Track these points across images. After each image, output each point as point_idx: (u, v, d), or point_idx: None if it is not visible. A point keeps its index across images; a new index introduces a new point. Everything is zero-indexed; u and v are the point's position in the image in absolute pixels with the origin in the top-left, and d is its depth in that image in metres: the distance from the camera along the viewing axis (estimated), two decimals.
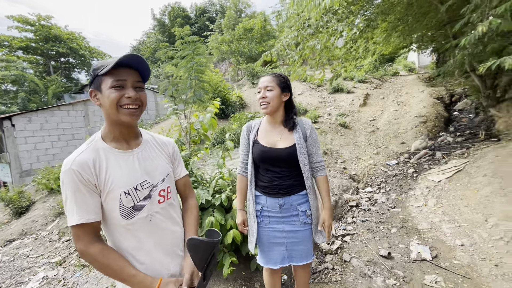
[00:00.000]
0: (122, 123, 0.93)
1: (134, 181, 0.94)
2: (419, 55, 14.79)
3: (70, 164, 0.86)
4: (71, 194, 0.85)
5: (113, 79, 0.88)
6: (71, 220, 0.86)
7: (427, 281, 2.02)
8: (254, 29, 14.27)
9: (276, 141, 1.48)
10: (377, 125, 6.67)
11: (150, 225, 0.98)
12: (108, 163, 0.92)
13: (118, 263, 0.87)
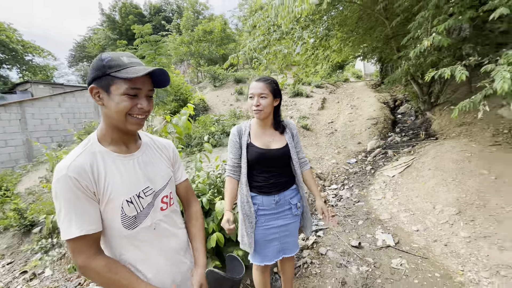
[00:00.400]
0: (128, 131, 0.87)
1: (136, 188, 0.87)
2: (365, 64, 16.43)
3: (65, 170, 0.76)
4: (68, 203, 0.76)
5: (128, 85, 0.80)
6: (69, 232, 0.75)
7: (394, 264, 2.27)
8: (214, 31, 14.17)
9: (269, 142, 1.54)
10: (335, 127, 7.19)
11: (154, 234, 0.92)
12: (107, 168, 0.83)
13: (126, 277, 0.80)
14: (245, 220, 1.55)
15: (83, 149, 0.83)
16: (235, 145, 1.55)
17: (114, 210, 0.83)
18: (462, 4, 3.11)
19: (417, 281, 2.06)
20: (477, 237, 2.36)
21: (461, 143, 3.83)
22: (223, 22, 15.11)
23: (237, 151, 1.56)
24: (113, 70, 0.79)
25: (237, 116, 8.70)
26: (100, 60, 0.80)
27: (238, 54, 5.00)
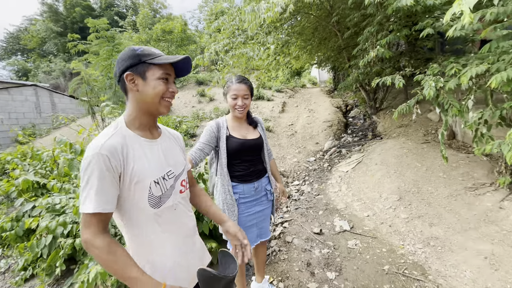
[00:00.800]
0: (159, 113, 0.95)
1: (161, 170, 0.94)
2: (320, 71, 17.66)
3: (99, 148, 0.81)
4: (94, 180, 0.80)
5: (162, 71, 0.89)
6: (87, 207, 0.79)
7: (350, 245, 2.59)
8: (174, 32, 13.81)
9: (246, 134, 1.70)
10: (295, 129, 7.65)
11: (174, 214, 0.98)
12: (135, 152, 0.89)
13: (122, 260, 0.80)
14: (227, 210, 1.65)
15: (114, 131, 0.88)
16: (210, 134, 1.62)
17: (143, 190, 0.88)
18: (399, 23, 3.69)
19: (368, 257, 2.40)
20: (413, 218, 2.83)
21: (400, 142, 4.48)
22: (183, 22, 14.80)
23: (210, 139, 1.62)
24: (148, 58, 0.88)
25: (200, 118, 8.64)
26: (133, 50, 0.89)
27: (204, 56, 5.05)
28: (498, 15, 2.25)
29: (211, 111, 9.33)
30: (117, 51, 5.84)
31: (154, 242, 0.93)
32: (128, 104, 0.93)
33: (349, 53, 5.95)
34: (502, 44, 2.39)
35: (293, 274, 2.27)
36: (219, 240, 2.56)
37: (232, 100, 1.61)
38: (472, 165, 3.33)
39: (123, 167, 0.85)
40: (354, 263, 2.34)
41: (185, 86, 12.25)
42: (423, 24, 3.18)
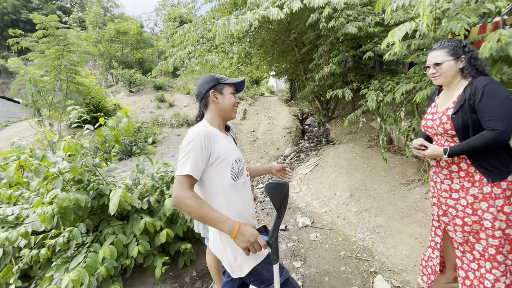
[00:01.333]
0: (230, 118, 1.35)
1: (238, 154, 1.29)
2: (277, 81, 18.59)
3: (199, 131, 1.14)
4: (192, 151, 1.10)
5: (232, 89, 1.31)
6: (183, 170, 1.08)
7: (311, 238, 2.92)
8: (129, 33, 13.17)
9: None
10: (257, 136, 7.99)
11: (244, 189, 1.27)
12: (219, 140, 1.21)
13: (207, 206, 1.07)
14: None
15: (204, 125, 1.22)
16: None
17: (227, 166, 1.19)
18: (347, 44, 4.30)
19: (327, 246, 2.75)
20: (362, 210, 3.31)
21: (350, 146, 5.11)
22: (139, 24, 14.22)
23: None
24: (223, 80, 1.29)
25: (160, 124, 8.41)
26: (212, 76, 1.31)
27: (169, 62, 5.05)
28: (419, 45, 2.86)
29: (171, 117, 9.14)
30: (69, 51, 5.45)
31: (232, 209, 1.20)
32: (209, 113, 1.30)
33: (305, 67, 6.54)
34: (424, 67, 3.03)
35: None
36: (192, 242, 2.65)
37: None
38: (405, 165, 4.01)
39: (212, 148, 1.16)
40: (316, 252, 2.66)
41: (141, 91, 11.73)
42: (365, 48, 3.79)
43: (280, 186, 1.05)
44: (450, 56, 1.44)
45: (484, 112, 1.32)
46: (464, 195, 1.47)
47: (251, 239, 1.06)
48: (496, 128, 1.28)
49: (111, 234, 2.17)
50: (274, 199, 1.07)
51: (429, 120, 1.62)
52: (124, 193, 1.99)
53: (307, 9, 3.71)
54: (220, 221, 1.06)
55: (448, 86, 1.54)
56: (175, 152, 7.03)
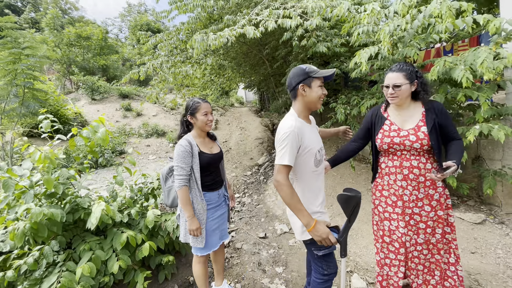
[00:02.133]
0: (316, 108, 1.48)
1: (320, 145, 1.50)
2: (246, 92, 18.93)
3: (292, 127, 1.34)
4: (289, 144, 1.31)
5: (320, 81, 1.41)
6: (283, 160, 1.31)
7: (291, 243, 3.05)
8: (92, 38, 12.49)
9: (211, 148, 1.94)
10: (230, 146, 8.04)
11: (322, 173, 1.55)
12: (305, 131, 1.41)
13: (297, 197, 1.31)
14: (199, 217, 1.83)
15: (295, 119, 1.41)
16: (188, 154, 1.79)
17: (311, 155, 1.42)
18: (317, 61, 4.66)
19: (306, 250, 2.89)
20: (335, 215, 3.54)
21: None
22: (104, 30, 13.58)
23: (189, 160, 1.80)
24: (313, 74, 1.39)
25: (127, 134, 8.01)
26: (303, 69, 1.41)
27: (141, 71, 4.94)
28: (381, 66, 3.25)
29: (139, 127, 8.76)
30: (27, 55, 5.05)
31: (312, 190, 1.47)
32: (297, 104, 1.46)
33: (277, 80, 6.85)
34: None
35: (247, 275, 2.53)
36: (172, 254, 2.59)
37: (204, 117, 1.84)
38: (370, 173, 4.39)
39: (302, 141, 1.38)
40: (296, 257, 2.78)
41: (105, 99, 11.08)
42: (333, 65, 4.16)
43: (351, 198, 1.23)
44: (406, 80, 1.57)
45: (449, 127, 1.59)
46: (428, 202, 1.64)
47: (323, 236, 1.28)
48: (459, 137, 1.62)
49: (88, 250, 2.05)
50: (346, 208, 1.26)
51: (395, 137, 1.64)
52: (107, 206, 1.92)
53: (280, 28, 3.98)
54: (301, 214, 1.29)
55: (400, 106, 1.66)
56: (146, 163, 6.75)
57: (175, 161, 1.82)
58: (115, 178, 2.48)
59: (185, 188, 1.79)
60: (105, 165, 5.64)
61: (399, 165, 1.66)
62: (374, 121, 1.78)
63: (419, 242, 1.70)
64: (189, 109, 1.89)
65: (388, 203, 1.75)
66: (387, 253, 1.80)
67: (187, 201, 1.79)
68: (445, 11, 2.30)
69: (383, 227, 1.80)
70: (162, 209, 3.02)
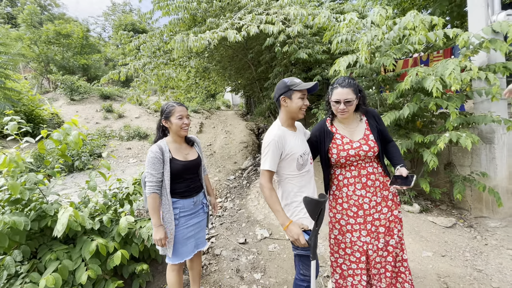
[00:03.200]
0: (298, 118, 1.58)
1: (302, 149, 1.57)
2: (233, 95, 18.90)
3: (274, 136, 1.49)
4: (270, 151, 1.47)
5: (301, 93, 1.51)
6: (265, 165, 1.48)
7: (270, 249, 3.04)
8: (73, 36, 12.06)
9: (187, 155, 1.90)
10: (214, 149, 7.97)
11: (308, 176, 1.62)
12: (288, 139, 1.53)
13: (275, 198, 1.46)
14: (167, 226, 1.77)
15: (278, 128, 1.54)
16: (158, 161, 1.74)
17: (293, 160, 1.53)
18: (299, 67, 4.73)
19: (285, 256, 2.89)
20: None
21: None
22: (85, 28, 13.15)
23: (159, 166, 1.76)
24: (293, 87, 1.50)
25: (107, 136, 7.75)
26: (284, 82, 1.53)
27: (121, 72, 4.81)
28: (359, 73, 3.35)
29: (120, 129, 8.51)
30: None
31: (294, 191, 1.56)
32: (281, 114, 1.60)
33: (261, 84, 6.89)
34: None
35: (225, 282, 2.49)
36: (147, 262, 2.51)
37: (179, 120, 1.80)
38: None
39: (283, 148, 1.50)
40: (275, 262, 2.77)
41: (85, 99, 10.69)
42: (315, 72, 4.24)
43: (316, 203, 1.25)
44: (354, 94, 1.56)
45: (385, 131, 1.76)
46: (385, 203, 1.68)
47: (294, 236, 1.39)
48: (392, 139, 1.81)
49: (54, 260, 1.95)
50: (311, 212, 1.28)
51: (350, 149, 1.63)
52: (75, 212, 1.83)
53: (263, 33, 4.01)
54: (277, 214, 1.44)
55: (347, 119, 1.67)
56: (126, 167, 6.54)
57: (146, 168, 1.79)
58: (88, 183, 2.38)
59: (154, 195, 1.75)
60: (82, 169, 5.40)
61: (357, 174, 1.67)
62: (323, 137, 1.74)
63: (380, 247, 1.70)
64: (164, 113, 1.86)
65: (349, 215, 1.73)
66: (349, 264, 1.79)
67: (155, 208, 1.75)
68: (418, 24, 2.40)
69: (344, 240, 1.78)
70: (139, 215, 2.93)
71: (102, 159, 2.47)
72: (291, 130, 1.59)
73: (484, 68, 2.58)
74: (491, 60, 2.87)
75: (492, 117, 2.52)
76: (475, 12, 3.11)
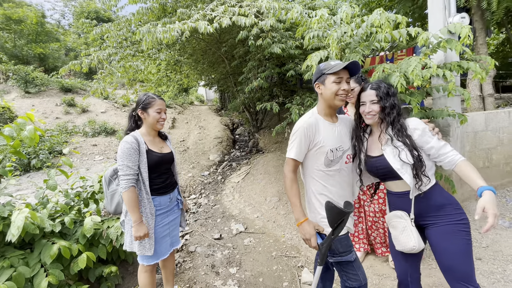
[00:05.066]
0: (335, 105, 1.38)
1: (336, 144, 1.39)
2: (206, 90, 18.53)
3: (303, 123, 1.37)
4: (298, 139, 1.36)
5: (335, 77, 1.32)
6: (290, 153, 1.38)
7: (245, 243, 3.05)
8: (26, 22, 10.91)
9: (162, 148, 1.82)
10: (187, 145, 7.76)
11: (339, 176, 1.42)
12: (321, 129, 1.38)
13: (296, 191, 1.38)
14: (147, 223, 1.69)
15: (311, 115, 1.41)
16: (135, 152, 1.65)
17: (322, 153, 1.37)
18: (273, 62, 4.74)
19: (260, 249, 2.92)
20: (289, 213, 3.65)
21: (277, 155, 5.55)
22: (39, 13, 11.96)
23: (136, 158, 1.66)
24: (326, 71, 1.34)
25: (69, 132, 7.17)
26: (319, 67, 1.39)
27: (83, 62, 4.46)
28: None
29: (85, 124, 7.91)
30: None
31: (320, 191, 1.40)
32: (319, 102, 1.45)
33: (235, 79, 6.81)
34: None
35: (199, 279, 2.45)
36: (116, 264, 2.39)
37: (157, 114, 1.73)
38: None
39: (313, 137, 1.37)
40: (250, 256, 2.79)
41: (43, 92, 9.76)
42: (288, 67, 4.28)
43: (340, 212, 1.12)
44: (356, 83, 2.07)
45: None
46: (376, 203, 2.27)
47: (306, 236, 1.31)
48: None
49: (7, 267, 1.77)
50: (331, 219, 1.16)
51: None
52: (32, 213, 1.67)
53: (236, 26, 3.95)
54: (294, 208, 1.37)
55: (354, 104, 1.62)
56: (92, 164, 6.11)
57: (119, 160, 1.66)
58: (46, 182, 2.19)
59: (133, 189, 1.64)
60: (41, 168, 4.95)
61: None
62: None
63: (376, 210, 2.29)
64: (141, 103, 1.76)
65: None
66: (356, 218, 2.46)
67: (135, 203, 1.63)
68: (384, 21, 2.51)
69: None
70: (106, 214, 2.76)
71: (62, 156, 2.28)
72: (327, 120, 1.41)
73: (442, 66, 2.78)
74: (448, 59, 3.11)
75: (448, 111, 2.74)
76: (434, 14, 3.33)
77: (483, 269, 2.25)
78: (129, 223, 1.75)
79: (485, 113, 3.52)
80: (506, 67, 8.85)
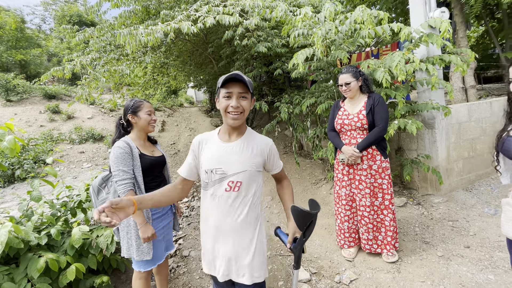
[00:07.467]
0: (227, 124, 1.20)
1: (213, 165, 1.19)
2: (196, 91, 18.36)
3: (196, 137, 1.29)
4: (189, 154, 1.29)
5: (224, 91, 1.15)
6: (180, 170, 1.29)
7: None
8: (4, 28, 10.55)
9: (153, 152, 1.80)
10: (178, 148, 7.69)
11: (213, 202, 1.22)
12: (207, 147, 1.24)
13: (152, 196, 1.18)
14: None
15: (210, 132, 1.31)
16: (129, 156, 1.63)
17: (202, 173, 1.24)
18: (260, 61, 4.74)
19: None
20: (282, 211, 3.66)
21: None
22: (19, 18, 11.58)
23: (130, 162, 1.64)
24: (220, 84, 1.15)
25: (55, 140, 6.97)
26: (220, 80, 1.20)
27: (66, 68, 4.34)
28: (317, 67, 3.46)
29: (71, 131, 7.71)
30: None
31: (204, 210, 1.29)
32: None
33: None
34: (322, 85, 3.66)
35: (194, 283, 2.43)
36: (108, 273, 2.34)
37: (148, 116, 1.72)
38: (314, 167, 4.67)
39: (197, 153, 1.25)
40: None
41: (25, 100, 9.46)
42: (275, 65, 4.28)
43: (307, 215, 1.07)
44: (353, 78, 2.20)
45: (377, 114, 2.14)
46: (370, 170, 2.25)
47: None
48: (379, 125, 2.14)
49: None
50: (299, 223, 1.11)
51: (345, 119, 2.27)
52: (15, 226, 1.61)
53: (221, 26, 3.92)
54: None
55: (352, 98, 2.29)
56: (79, 172, 5.96)
57: (113, 166, 1.63)
58: (30, 194, 2.12)
59: (132, 192, 1.61)
60: (25, 178, 4.80)
61: (348, 142, 2.28)
62: (334, 111, 2.41)
63: (367, 205, 2.31)
64: (130, 108, 1.74)
65: (344, 174, 2.40)
66: (345, 212, 2.45)
67: None
68: (366, 18, 2.54)
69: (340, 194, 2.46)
70: (96, 223, 2.70)
71: (46, 166, 2.21)
72: (220, 139, 1.24)
73: (425, 60, 2.84)
74: (430, 53, 3.18)
75: (433, 104, 2.80)
76: (415, 9, 3.40)
77: (472, 256, 2.31)
78: (124, 230, 1.72)
79: (468, 105, 3.62)
80: (486, 59, 9.13)
